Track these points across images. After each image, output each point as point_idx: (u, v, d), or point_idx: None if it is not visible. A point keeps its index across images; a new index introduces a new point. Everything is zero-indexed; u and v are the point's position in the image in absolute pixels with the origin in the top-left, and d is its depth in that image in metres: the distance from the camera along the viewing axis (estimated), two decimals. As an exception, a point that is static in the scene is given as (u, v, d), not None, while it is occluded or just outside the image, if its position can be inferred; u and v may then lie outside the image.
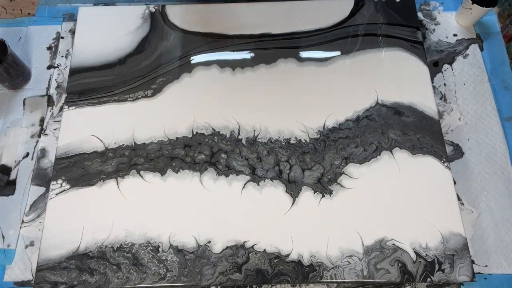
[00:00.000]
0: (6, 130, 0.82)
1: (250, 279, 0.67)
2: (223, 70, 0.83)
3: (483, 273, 0.71)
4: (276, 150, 0.76)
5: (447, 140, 0.80)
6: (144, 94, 0.81)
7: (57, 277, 0.67)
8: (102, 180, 0.74)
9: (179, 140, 0.77)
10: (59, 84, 0.86)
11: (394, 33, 0.87)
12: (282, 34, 0.87)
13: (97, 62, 0.84)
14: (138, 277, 0.67)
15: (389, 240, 0.69)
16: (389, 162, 0.75)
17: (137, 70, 0.83)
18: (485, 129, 0.81)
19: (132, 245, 0.69)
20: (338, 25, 0.88)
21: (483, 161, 0.79)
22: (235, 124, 0.78)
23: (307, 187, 0.73)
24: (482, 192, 0.76)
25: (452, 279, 0.66)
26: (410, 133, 0.77)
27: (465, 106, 0.84)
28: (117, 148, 0.76)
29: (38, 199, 0.76)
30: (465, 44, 0.90)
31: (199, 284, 0.67)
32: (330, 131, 0.77)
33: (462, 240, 0.69)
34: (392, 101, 0.80)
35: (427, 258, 0.68)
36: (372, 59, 0.84)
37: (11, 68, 0.80)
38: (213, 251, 0.69)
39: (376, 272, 0.67)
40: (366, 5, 0.90)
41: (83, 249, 0.69)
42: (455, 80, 0.86)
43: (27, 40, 0.91)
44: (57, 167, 0.75)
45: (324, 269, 0.67)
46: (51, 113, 0.83)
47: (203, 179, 0.74)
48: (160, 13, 0.89)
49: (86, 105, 0.80)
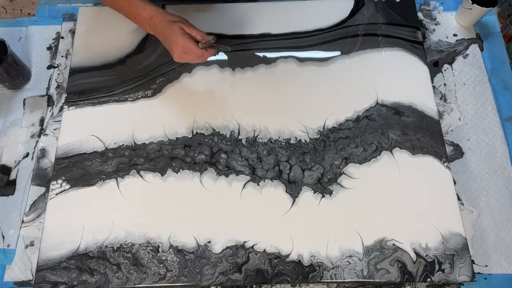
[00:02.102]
0: (6, 130, 0.82)
1: (250, 279, 0.67)
2: (223, 70, 0.83)
3: (483, 273, 0.71)
4: (276, 150, 0.76)
5: (447, 140, 0.80)
6: (144, 94, 0.81)
7: (57, 277, 0.67)
8: (102, 180, 0.74)
9: (179, 140, 0.77)
10: (59, 84, 0.86)
11: (394, 33, 0.87)
12: (282, 34, 0.87)
13: (97, 62, 0.84)
14: (138, 277, 0.67)
15: (389, 240, 0.69)
16: (389, 162, 0.75)
17: (137, 70, 0.83)
18: (485, 129, 0.81)
19: (132, 245, 0.69)
20: (338, 25, 0.88)
21: (483, 161, 0.79)
22: (235, 124, 0.78)
23: (307, 187, 0.73)
24: (482, 192, 0.76)
25: (452, 279, 0.66)
26: (410, 133, 0.77)
27: (465, 106, 0.84)
28: (117, 148, 0.76)
29: (38, 199, 0.76)
30: (465, 44, 0.90)
31: (199, 284, 0.67)
32: (330, 131, 0.77)
33: (462, 240, 0.69)
34: (392, 101, 0.80)
35: (427, 258, 0.68)
36: (372, 59, 0.84)
37: (11, 68, 0.80)
38: (213, 251, 0.69)
39: (376, 272, 0.67)
40: (366, 5, 0.90)
41: (83, 249, 0.69)
42: (455, 80, 0.86)
43: (27, 40, 0.91)
44: (57, 167, 0.75)
45: (324, 269, 0.67)
46: (51, 113, 0.83)
47: (203, 179, 0.74)
48: (160, 13, 0.89)
49: (86, 105, 0.80)
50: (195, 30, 0.71)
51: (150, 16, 0.73)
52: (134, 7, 0.73)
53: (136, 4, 0.73)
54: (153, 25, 0.73)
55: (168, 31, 0.71)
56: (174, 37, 0.70)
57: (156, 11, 0.73)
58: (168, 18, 0.72)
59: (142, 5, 0.73)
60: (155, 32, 0.74)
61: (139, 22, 0.75)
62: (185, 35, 0.70)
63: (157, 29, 0.73)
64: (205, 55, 0.72)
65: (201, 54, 0.71)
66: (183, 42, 0.69)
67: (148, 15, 0.73)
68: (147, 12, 0.73)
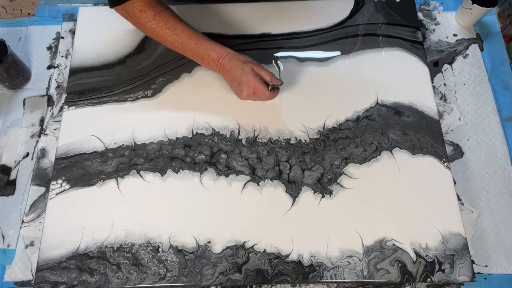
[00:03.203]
0: (6, 130, 0.82)
1: (250, 279, 0.67)
2: (223, 70, 0.83)
3: (483, 273, 0.71)
4: (276, 150, 0.76)
5: (447, 140, 0.80)
6: (144, 94, 0.81)
7: (57, 277, 0.67)
8: (102, 180, 0.74)
9: (179, 140, 0.77)
10: (59, 84, 0.86)
11: (394, 33, 0.87)
12: (282, 34, 0.87)
13: (97, 62, 0.84)
14: (138, 277, 0.67)
15: (389, 240, 0.69)
16: (389, 162, 0.75)
17: (137, 70, 0.83)
18: (485, 129, 0.81)
19: (132, 245, 0.69)
20: (338, 25, 0.88)
21: (483, 161, 0.79)
22: (235, 124, 0.78)
23: (307, 187, 0.73)
24: (482, 192, 0.76)
25: (452, 279, 0.66)
26: (410, 133, 0.77)
27: (465, 106, 0.84)
28: (117, 148, 0.76)
29: (38, 199, 0.76)
30: (465, 44, 0.90)
31: (199, 284, 0.67)
32: (330, 131, 0.77)
33: (462, 240, 0.69)
34: (392, 101, 0.80)
35: (427, 258, 0.68)
36: (372, 59, 0.84)
37: (11, 68, 0.80)
38: (213, 251, 0.69)
39: (376, 272, 0.67)
40: (366, 5, 0.90)
41: (83, 249, 0.69)
42: (455, 80, 0.86)
43: (27, 40, 0.91)
44: (57, 167, 0.75)
45: (324, 269, 0.67)
46: (51, 113, 0.83)
47: (203, 179, 0.74)
48: (160, 13, 0.89)
49: (86, 105, 0.80)
50: (265, 71, 0.72)
51: (219, 56, 0.73)
52: (203, 48, 0.73)
53: (204, 45, 0.73)
54: (221, 65, 0.73)
55: (239, 72, 0.72)
56: (246, 78, 0.71)
57: (225, 51, 0.73)
58: (238, 58, 0.72)
59: (211, 46, 0.73)
60: (223, 71, 0.74)
61: (207, 62, 0.74)
62: (257, 77, 0.71)
63: (225, 69, 0.73)
64: (273, 96, 0.74)
65: (270, 96, 0.73)
66: (255, 84, 0.71)
67: (217, 55, 0.73)
68: (216, 53, 0.73)
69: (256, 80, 0.71)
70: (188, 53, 0.75)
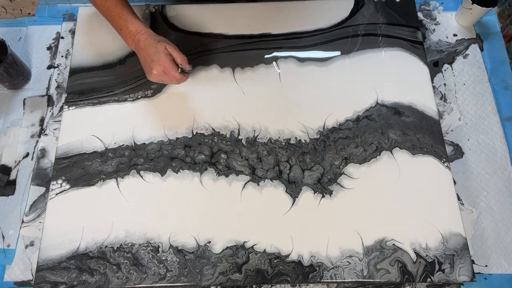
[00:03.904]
0: (6, 130, 0.82)
1: (250, 279, 0.67)
2: (223, 70, 0.83)
3: (483, 273, 0.71)
4: (276, 150, 0.76)
5: (447, 140, 0.80)
6: (144, 94, 0.81)
7: (57, 277, 0.67)
8: (102, 180, 0.74)
9: (179, 140, 0.77)
10: (59, 84, 0.86)
11: (394, 33, 0.87)
12: (282, 34, 0.87)
13: (97, 62, 0.84)
14: (138, 277, 0.67)
15: (389, 240, 0.69)
16: (389, 162, 0.75)
17: (137, 70, 0.83)
18: (485, 129, 0.81)
19: (132, 245, 0.69)
20: (338, 25, 0.88)
21: (483, 161, 0.79)
22: (235, 124, 0.78)
23: (307, 187, 0.73)
24: (482, 192, 0.76)
25: (452, 279, 0.66)
26: (410, 133, 0.77)
27: (465, 106, 0.84)
28: (117, 148, 0.76)
29: (38, 199, 0.76)
30: (465, 44, 0.90)
31: (199, 284, 0.67)
32: (330, 131, 0.77)
33: (462, 240, 0.69)
34: (392, 101, 0.80)
35: (427, 258, 0.68)
36: (372, 59, 0.84)
37: (11, 68, 0.80)
38: (213, 251, 0.69)
39: (376, 272, 0.67)
40: (366, 5, 0.90)
41: (83, 249, 0.69)
42: (455, 80, 0.86)
43: (27, 40, 0.91)
44: (57, 167, 0.75)
45: (324, 269, 0.67)
46: (51, 113, 0.83)
47: (203, 179, 0.74)
48: (160, 13, 0.89)
49: (86, 105, 0.80)
50: (177, 53, 0.72)
51: (137, 31, 0.73)
52: (123, 19, 0.74)
53: (126, 17, 0.74)
54: (137, 41, 0.73)
55: (152, 49, 0.71)
56: (158, 56, 0.71)
57: (144, 29, 0.74)
58: (154, 37, 0.73)
59: (132, 20, 0.74)
60: (136, 47, 0.74)
61: (124, 34, 0.75)
62: (168, 56, 0.71)
63: (140, 45, 0.73)
64: (182, 79, 0.74)
65: (179, 78, 0.73)
66: (166, 63, 0.70)
67: (135, 30, 0.73)
68: (134, 27, 0.74)
69: (167, 60, 0.70)
70: (110, 20, 0.77)
